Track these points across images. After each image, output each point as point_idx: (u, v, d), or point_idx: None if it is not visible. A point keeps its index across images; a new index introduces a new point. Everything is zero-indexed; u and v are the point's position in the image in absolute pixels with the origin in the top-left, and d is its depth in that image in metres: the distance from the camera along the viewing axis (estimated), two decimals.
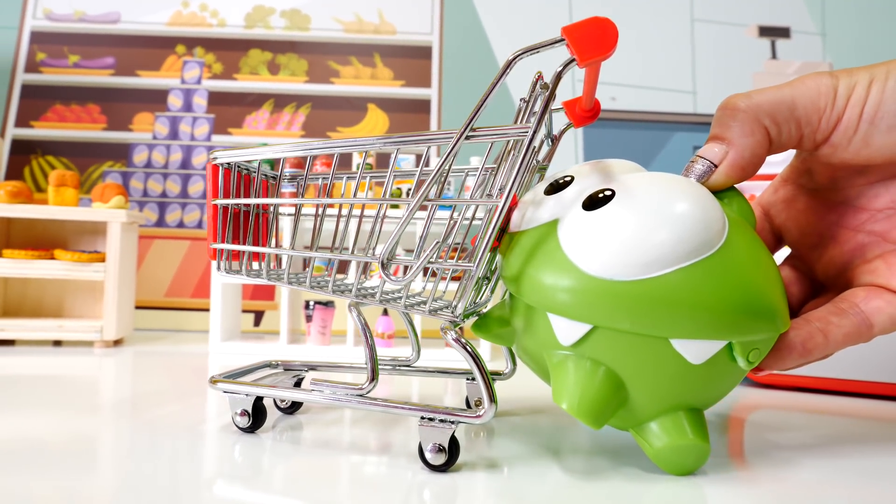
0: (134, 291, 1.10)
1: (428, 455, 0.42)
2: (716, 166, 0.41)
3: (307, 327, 1.04)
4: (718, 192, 0.43)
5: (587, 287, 0.38)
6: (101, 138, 1.36)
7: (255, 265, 0.57)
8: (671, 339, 0.38)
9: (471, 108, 0.52)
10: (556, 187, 0.44)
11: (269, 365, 0.60)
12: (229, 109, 1.38)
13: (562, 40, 0.38)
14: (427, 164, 1.35)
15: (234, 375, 0.54)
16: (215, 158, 0.50)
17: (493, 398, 0.41)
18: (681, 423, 0.40)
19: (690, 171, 0.42)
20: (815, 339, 0.42)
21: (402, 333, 1.20)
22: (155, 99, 1.37)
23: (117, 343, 1.04)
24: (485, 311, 0.53)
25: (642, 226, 0.37)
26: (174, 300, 1.30)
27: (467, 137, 0.40)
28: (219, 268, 0.52)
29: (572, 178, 0.43)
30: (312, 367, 0.61)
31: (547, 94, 0.40)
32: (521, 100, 0.46)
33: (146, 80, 1.38)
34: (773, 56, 1.46)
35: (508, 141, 0.45)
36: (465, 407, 0.60)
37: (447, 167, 0.42)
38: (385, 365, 0.60)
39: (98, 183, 1.33)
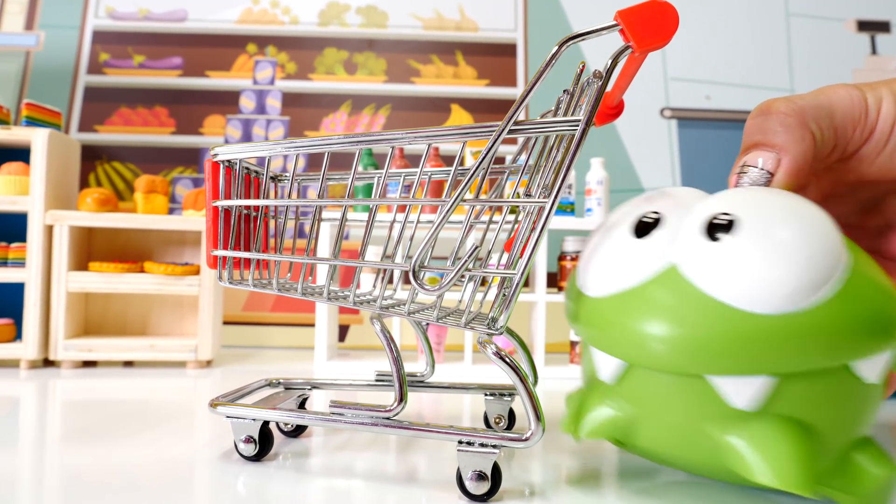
0: (222, 307, 1.01)
1: (468, 483, 0.39)
2: (771, 175, 0.38)
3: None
4: None
5: (762, 328, 0.32)
6: (170, 143, 1.27)
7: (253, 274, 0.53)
8: (851, 362, 0.33)
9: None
10: (644, 228, 0.38)
11: (269, 384, 0.56)
12: (305, 111, 1.30)
13: (616, 25, 0.35)
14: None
15: (234, 397, 0.49)
16: (216, 155, 0.46)
17: (540, 418, 0.38)
18: (876, 456, 0.36)
19: (742, 181, 0.39)
20: None
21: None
22: (226, 101, 1.29)
23: (208, 363, 0.95)
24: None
25: (798, 245, 0.33)
26: (253, 315, 1.21)
27: (510, 132, 0.38)
28: (220, 278, 0.48)
29: (658, 214, 0.38)
30: (316, 386, 0.58)
31: (601, 83, 0.37)
32: (564, 91, 0.43)
33: (216, 80, 1.30)
34: (874, 51, 1.38)
35: (549, 137, 0.41)
36: (485, 425, 0.57)
37: (487, 164, 0.39)
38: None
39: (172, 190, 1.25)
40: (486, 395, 0.57)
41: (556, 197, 0.38)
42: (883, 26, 1.39)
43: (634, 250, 0.37)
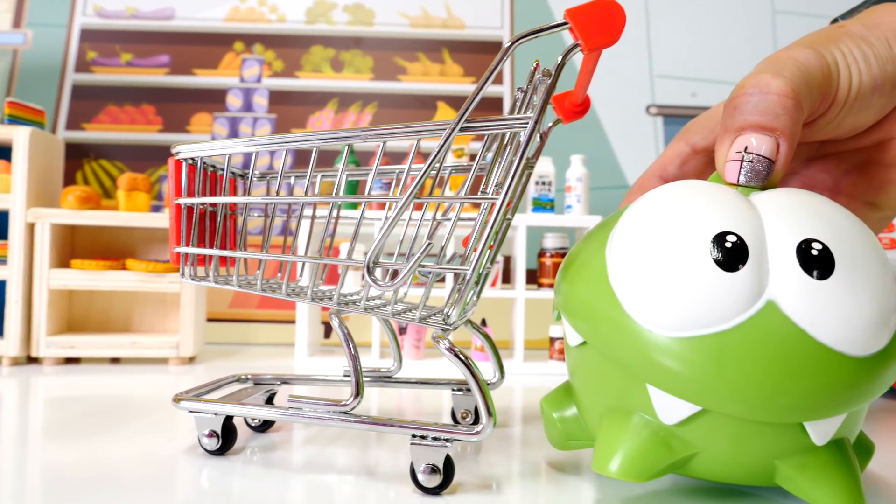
0: (205, 304, 1.02)
1: (420, 476, 0.39)
2: (773, 163, 0.36)
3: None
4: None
5: (859, 371, 0.32)
6: (157, 140, 1.28)
7: (223, 270, 0.53)
8: None
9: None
10: (730, 255, 0.32)
11: (238, 379, 0.57)
12: (292, 109, 1.30)
13: (565, 24, 0.36)
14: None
15: (200, 392, 0.50)
16: (178, 153, 0.48)
17: (490, 412, 0.39)
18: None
19: (741, 171, 0.36)
20: None
21: (501, 345, 1.12)
22: (213, 99, 1.30)
23: (191, 360, 0.96)
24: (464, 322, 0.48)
25: (883, 281, 0.33)
26: (239, 311, 1.22)
27: (462, 129, 0.38)
28: (183, 274, 0.49)
29: (740, 238, 0.33)
30: (285, 381, 0.59)
31: (550, 82, 0.38)
32: (518, 89, 0.43)
33: (203, 78, 1.30)
34: None
35: (505, 134, 0.42)
36: (452, 420, 0.58)
37: (439, 162, 0.39)
38: (365, 377, 0.58)
39: (155, 187, 1.26)
40: (453, 390, 0.58)
41: (507, 193, 0.38)
42: None
43: (724, 285, 0.32)
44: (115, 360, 0.95)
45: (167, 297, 1.01)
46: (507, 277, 1.18)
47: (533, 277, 1.18)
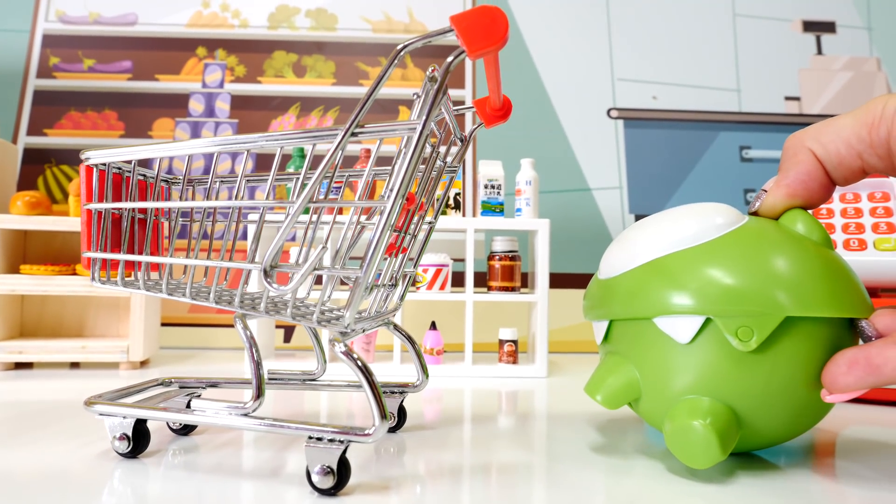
0: (160, 308, 1.02)
1: (315, 478, 0.40)
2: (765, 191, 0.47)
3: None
4: (784, 214, 0.46)
5: (598, 287, 0.50)
6: (119, 146, 1.28)
7: (136, 274, 0.54)
8: (653, 318, 0.44)
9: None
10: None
11: (161, 383, 0.58)
12: (254, 114, 1.31)
13: (450, 30, 0.37)
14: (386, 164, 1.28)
15: (116, 396, 0.51)
16: (88, 159, 0.48)
17: (383, 414, 0.40)
18: (692, 407, 0.42)
19: (755, 201, 0.48)
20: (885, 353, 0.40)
21: (452, 348, 1.12)
22: (175, 104, 1.30)
23: (143, 364, 0.96)
24: (393, 317, 0.54)
25: (630, 240, 0.48)
26: (199, 316, 1.22)
27: (353, 134, 0.40)
28: (93, 278, 0.50)
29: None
30: (213, 384, 0.59)
31: (435, 87, 0.39)
32: (413, 94, 0.45)
33: (165, 84, 1.31)
34: (819, 51, 1.40)
35: (402, 139, 0.44)
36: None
37: (332, 167, 0.41)
38: (294, 379, 0.59)
39: None
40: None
41: (395, 198, 0.39)
42: (828, 26, 1.41)
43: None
44: (74, 365, 0.95)
45: (120, 301, 1.01)
46: (459, 281, 1.19)
47: (482, 281, 1.19)
